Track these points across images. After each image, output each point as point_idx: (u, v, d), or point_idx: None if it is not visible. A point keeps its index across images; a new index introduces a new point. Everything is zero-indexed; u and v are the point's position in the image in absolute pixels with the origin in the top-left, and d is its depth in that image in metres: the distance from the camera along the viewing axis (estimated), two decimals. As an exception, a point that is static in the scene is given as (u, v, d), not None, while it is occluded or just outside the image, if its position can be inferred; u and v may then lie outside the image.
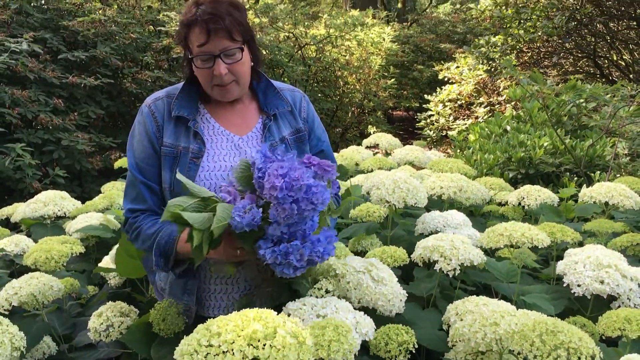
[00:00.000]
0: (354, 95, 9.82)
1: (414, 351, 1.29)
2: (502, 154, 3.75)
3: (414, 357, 1.46)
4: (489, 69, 7.34)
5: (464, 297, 1.42)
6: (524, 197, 2.32)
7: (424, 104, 9.16)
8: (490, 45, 7.12)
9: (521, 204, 2.33)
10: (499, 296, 1.71)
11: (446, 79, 8.82)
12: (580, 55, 7.63)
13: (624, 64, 7.62)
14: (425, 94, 9.31)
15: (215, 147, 1.51)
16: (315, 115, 1.69)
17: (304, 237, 1.23)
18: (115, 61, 5.80)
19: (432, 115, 8.73)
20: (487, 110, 7.85)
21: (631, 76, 7.17)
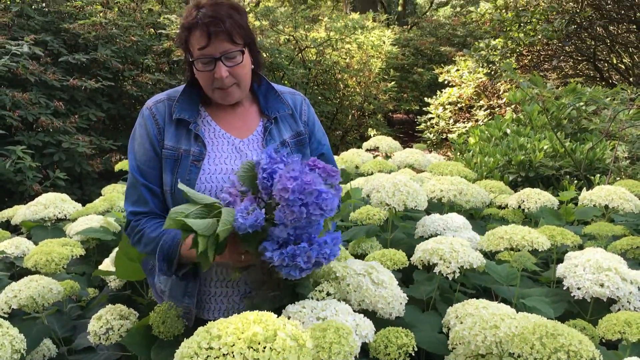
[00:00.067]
0: (354, 98, 9.83)
1: (413, 354, 1.29)
2: (502, 157, 3.75)
3: (414, 360, 1.46)
4: (489, 72, 7.35)
5: (464, 300, 1.43)
6: (524, 200, 2.32)
7: (424, 107, 9.18)
8: (490, 48, 7.13)
9: (521, 207, 2.33)
10: (499, 299, 1.71)
11: (446, 82, 8.84)
12: (580, 58, 7.64)
13: (623, 67, 7.63)
14: (425, 97, 9.33)
15: (216, 150, 1.51)
16: (315, 118, 1.69)
17: (310, 239, 1.23)
18: (115, 64, 5.81)
19: (432, 118, 8.74)
20: (487, 113, 7.87)
21: (631, 79, 7.18)
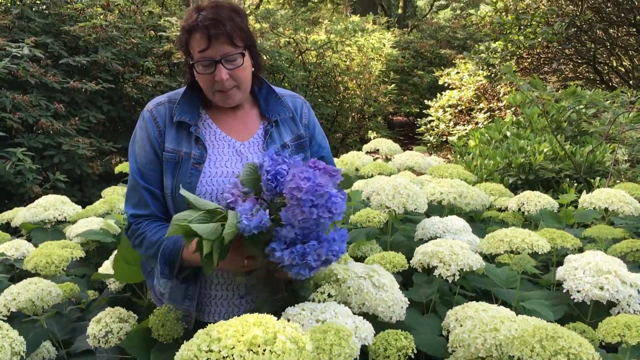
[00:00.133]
0: (354, 100, 9.83)
1: (413, 357, 1.29)
2: (502, 159, 3.75)
3: (414, 363, 1.45)
4: (489, 74, 7.36)
5: (464, 302, 1.42)
6: (524, 203, 2.32)
7: (424, 110, 9.19)
8: (490, 51, 7.15)
9: (521, 209, 2.33)
10: (499, 302, 1.71)
11: (446, 85, 8.85)
12: (580, 61, 7.65)
13: (623, 70, 7.64)
14: (425, 100, 9.34)
15: (216, 152, 1.51)
16: (316, 121, 1.69)
17: (318, 237, 1.23)
18: (116, 66, 5.82)
19: (432, 120, 8.75)
20: (487, 116, 7.87)
21: (631, 82, 7.18)
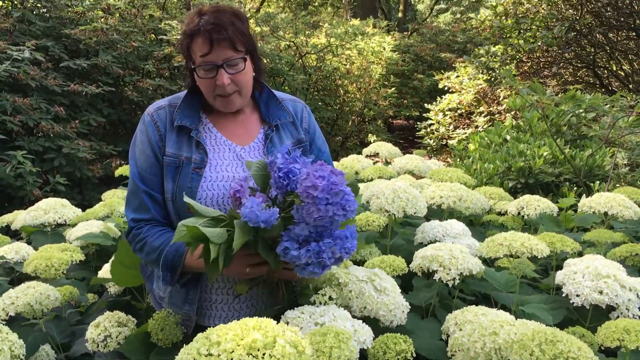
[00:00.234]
0: (355, 104, 9.85)
1: (412, 361, 1.29)
2: (502, 163, 3.76)
3: (413, 367, 1.45)
4: (489, 78, 7.37)
5: (463, 306, 1.42)
6: (524, 207, 2.32)
7: (424, 113, 9.20)
8: (490, 54, 7.16)
9: (520, 213, 2.33)
10: (498, 306, 1.71)
11: (446, 88, 8.86)
12: (579, 65, 7.66)
13: (623, 74, 7.65)
14: (425, 103, 9.35)
15: (217, 157, 1.51)
16: (316, 126, 1.69)
17: (331, 234, 1.24)
18: (116, 69, 5.83)
19: (432, 124, 8.76)
20: (487, 119, 7.88)
21: (630, 86, 7.20)
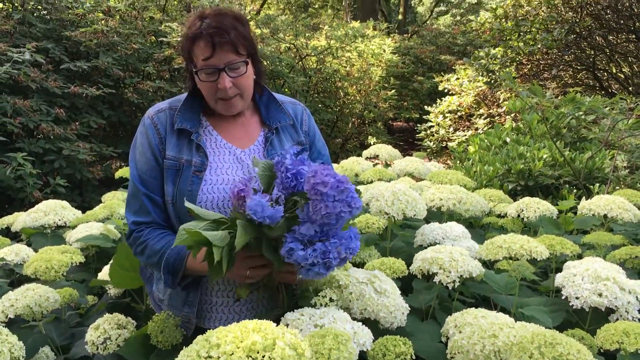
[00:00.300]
0: (354, 106, 9.85)
1: (412, 363, 1.29)
2: (502, 165, 3.76)
3: (413, 369, 1.45)
4: (489, 80, 7.37)
5: (463, 309, 1.42)
6: (523, 209, 2.32)
7: (424, 115, 9.21)
8: (490, 57, 7.16)
9: (520, 216, 2.34)
10: (498, 308, 1.71)
11: (446, 91, 8.87)
12: (579, 67, 7.67)
13: (623, 76, 7.66)
14: (425, 105, 9.36)
15: (218, 160, 1.51)
16: (316, 128, 1.70)
17: (336, 234, 1.24)
18: (117, 71, 5.83)
19: (432, 126, 8.77)
20: (487, 121, 7.89)
21: (630, 89, 7.20)
